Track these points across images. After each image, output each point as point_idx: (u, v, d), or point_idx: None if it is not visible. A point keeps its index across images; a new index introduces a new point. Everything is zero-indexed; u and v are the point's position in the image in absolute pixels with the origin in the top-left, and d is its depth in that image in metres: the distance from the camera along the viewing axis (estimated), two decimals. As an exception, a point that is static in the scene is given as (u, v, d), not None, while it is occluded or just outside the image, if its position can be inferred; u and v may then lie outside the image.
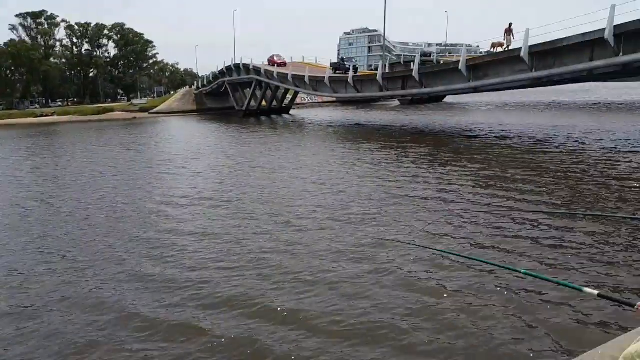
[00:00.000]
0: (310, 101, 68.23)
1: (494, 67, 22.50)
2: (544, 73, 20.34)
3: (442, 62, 38.08)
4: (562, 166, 13.71)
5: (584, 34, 18.67)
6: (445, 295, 5.90)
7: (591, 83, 41.42)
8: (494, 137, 22.49)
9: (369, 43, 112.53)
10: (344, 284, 6.29)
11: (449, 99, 58.16)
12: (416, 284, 6.24)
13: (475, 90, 24.91)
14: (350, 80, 31.33)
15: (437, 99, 56.11)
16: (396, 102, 58.40)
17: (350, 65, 35.28)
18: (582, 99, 45.52)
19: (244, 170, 15.99)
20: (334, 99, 46.43)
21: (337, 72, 37.79)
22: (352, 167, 15.41)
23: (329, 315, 5.52)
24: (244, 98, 52.06)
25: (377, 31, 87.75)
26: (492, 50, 23.94)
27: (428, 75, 26.13)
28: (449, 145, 20.09)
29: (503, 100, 50.29)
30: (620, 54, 17.73)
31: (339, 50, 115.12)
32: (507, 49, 22.94)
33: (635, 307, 2.12)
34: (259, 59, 49.64)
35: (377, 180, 12.88)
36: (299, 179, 13.86)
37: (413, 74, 26.01)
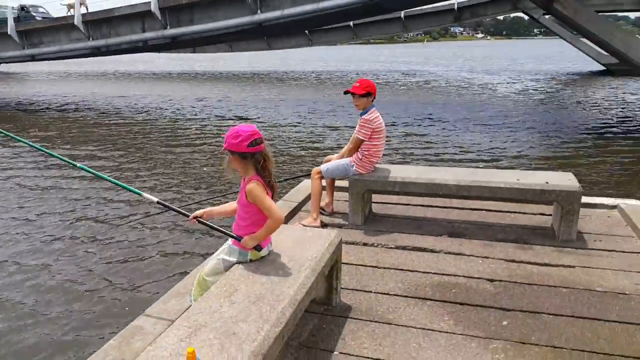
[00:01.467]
0: None
1: (51, 34, 20.91)
2: (101, 42, 20.30)
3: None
4: (131, 135, 14.30)
5: (133, 6, 19.50)
6: None
7: (152, 54, 43.98)
8: (58, 109, 21.05)
9: None
10: None
11: (3, 67, 50.24)
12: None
13: (33, 58, 22.53)
14: None
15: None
16: None
17: None
18: (143, 69, 47.99)
19: None
20: None
21: None
22: None
23: None
24: None
25: None
26: (68, 12, 21.36)
27: (-35, 38, 21.82)
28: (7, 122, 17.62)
29: (69, 69, 47.40)
30: (168, 27, 19.49)
31: None
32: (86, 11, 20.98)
33: (189, 217, 2.50)
34: None
35: None
36: None
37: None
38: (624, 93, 22.58)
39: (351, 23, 39.31)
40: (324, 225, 4.16)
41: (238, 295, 2.14)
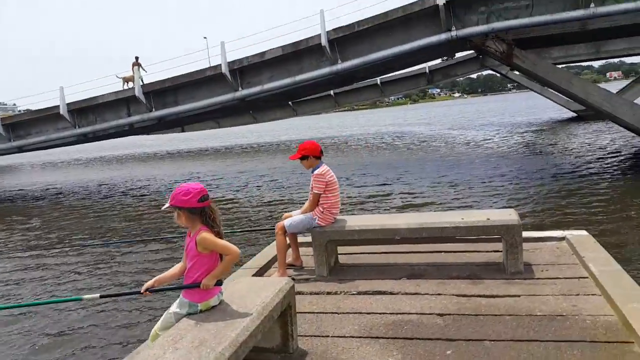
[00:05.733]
0: None
1: (36, 125, 21.48)
2: (88, 129, 20.90)
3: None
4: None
5: (116, 92, 20.37)
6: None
7: (141, 137, 45.14)
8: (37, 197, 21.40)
9: None
10: None
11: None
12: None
13: (20, 150, 22.98)
14: None
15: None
16: None
17: None
18: (130, 152, 48.99)
19: None
20: None
21: None
22: None
23: None
24: None
25: None
26: (125, 85, 21.82)
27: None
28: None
29: (50, 159, 48.21)
30: (153, 109, 20.28)
31: None
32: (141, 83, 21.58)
33: (141, 291, 2.70)
34: None
35: None
36: None
37: None
38: (588, 136, 23.62)
39: (332, 92, 41.03)
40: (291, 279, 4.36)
41: (183, 342, 2.34)
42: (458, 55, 30.41)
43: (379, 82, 40.26)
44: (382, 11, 16.14)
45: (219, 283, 2.69)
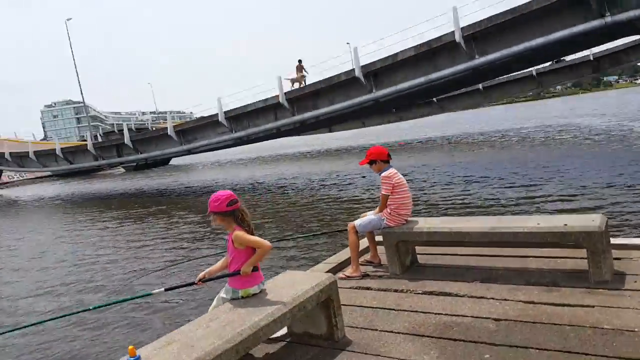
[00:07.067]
0: (21, 178, 60.37)
1: (200, 130, 24.56)
2: (242, 133, 23.23)
3: (154, 128, 39.10)
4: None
5: (265, 100, 22.22)
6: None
7: (290, 138, 48.26)
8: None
9: (77, 114, 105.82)
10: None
11: (174, 161, 59.24)
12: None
13: (190, 152, 26.51)
14: (58, 152, 29.60)
15: (162, 162, 56.62)
16: (121, 170, 56.56)
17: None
18: (281, 152, 52.63)
19: None
20: (48, 172, 42.54)
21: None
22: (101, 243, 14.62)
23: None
24: None
25: (82, 102, 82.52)
26: (292, 86, 24.41)
27: (141, 142, 26.79)
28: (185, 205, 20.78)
29: (216, 159, 54.15)
30: (295, 113, 21.75)
31: (43, 124, 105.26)
32: (304, 84, 23.74)
33: (196, 282, 3.14)
34: None
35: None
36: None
37: (125, 142, 26.25)
38: None
39: (480, 86, 39.15)
40: (364, 275, 4.53)
41: (215, 322, 2.70)
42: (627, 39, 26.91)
43: (534, 73, 37.34)
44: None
45: (254, 269, 3.01)
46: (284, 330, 3.39)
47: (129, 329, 6.71)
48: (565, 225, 3.74)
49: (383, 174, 4.49)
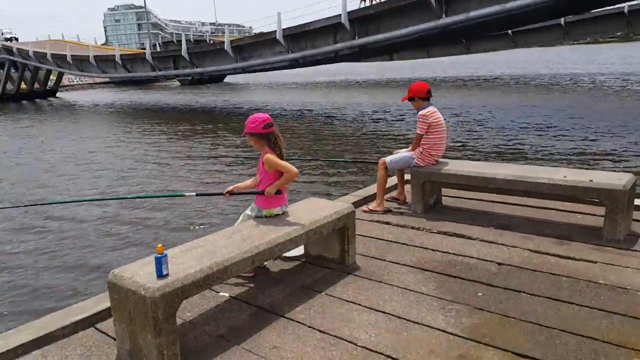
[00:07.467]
0: (80, 82, 62.62)
1: (257, 48, 24.36)
2: (299, 54, 22.88)
3: (212, 41, 39.12)
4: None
5: (327, 18, 21.59)
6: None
7: (352, 64, 47.27)
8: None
9: (138, 20, 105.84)
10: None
11: (228, 79, 59.75)
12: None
13: (244, 70, 26.55)
14: (118, 59, 30.27)
15: (217, 79, 57.18)
16: (177, 83, 57.71)
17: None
18: (337, 79, 51.87)
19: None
20: (107, 79, 44.03)
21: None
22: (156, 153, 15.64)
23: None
24: (-4, 81, 45.60)
25: (143, 7, 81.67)
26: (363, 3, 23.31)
27: (198, 55, 26.84)
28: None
29: (270, 80, 54.16)
30: (357, 37, 21.11)
31: (105, 28, 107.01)
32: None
33: (224, 193, 3.48)
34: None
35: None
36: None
37: (182, 54, 26.39)
38: None
39: (561, 21, 36.15)
40: (387, 210, 4.78)
41: (238, 235, 3.05)
42: None
43: (626, 10, 33.84)
44: None
45: (279, 193, 3.31)
46: (300, 251, 3.75)
47: (160, 225, 7.59)
48: (591, 181, 3.79)
49: (420, 112, 4.57)
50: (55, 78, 47.59)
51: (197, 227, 7.32)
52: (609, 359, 2.38)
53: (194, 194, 3.72)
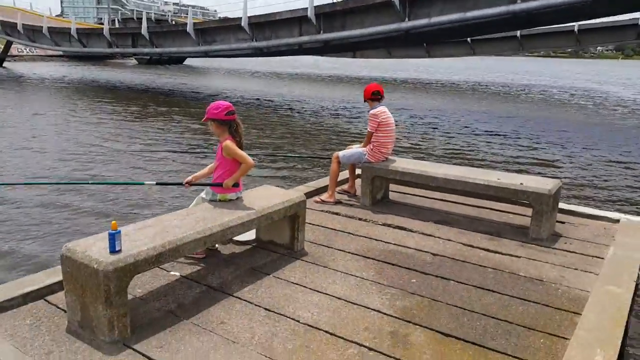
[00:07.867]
0: (30, 53, 59.25)
1: (221, 33, 24.05)
2: (263, 44, 22.80)
3: (174, 22, 38.27)
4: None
5: (293, 10, 21.62)
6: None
7: (315, 57, 47.44)
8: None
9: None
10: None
11: (189, 61, 58.64)
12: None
13: (206, 54, 26.15)
14: (73, 32, 29.11)
15: (177, 60, 55.99)
16: (134, 61, 56.05)
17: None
18: (300, 71, 51.96)
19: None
20: (60, 52, 42.29)
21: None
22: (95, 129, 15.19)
23: None
24: None
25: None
26: None
27: (158, 35, 26.17)
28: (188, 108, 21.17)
29: (232, 67, 53.52)
30: (321, 31, 21.27)
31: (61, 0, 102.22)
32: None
33: (183, 183, 3.61)
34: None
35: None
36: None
37: (142, 32, 25.66)
38: None
39: (518, 33, 37.63)
40: (337, 202, 5.03)
41: (192, 217, 3.20)
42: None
43: (576, 29, 35.71)
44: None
45: (236, 185, 3.47)
46: (252, 236, 3.93)
47: (117, 208, 7.43)
48: (521, 184, 4.17)
49: (371, 112, 4.86)
50: (2, 47, 45.22)
51: (150, 211, 7.33)
52: (520, 339, 2.70)
53: (154, 182, 3.83)
